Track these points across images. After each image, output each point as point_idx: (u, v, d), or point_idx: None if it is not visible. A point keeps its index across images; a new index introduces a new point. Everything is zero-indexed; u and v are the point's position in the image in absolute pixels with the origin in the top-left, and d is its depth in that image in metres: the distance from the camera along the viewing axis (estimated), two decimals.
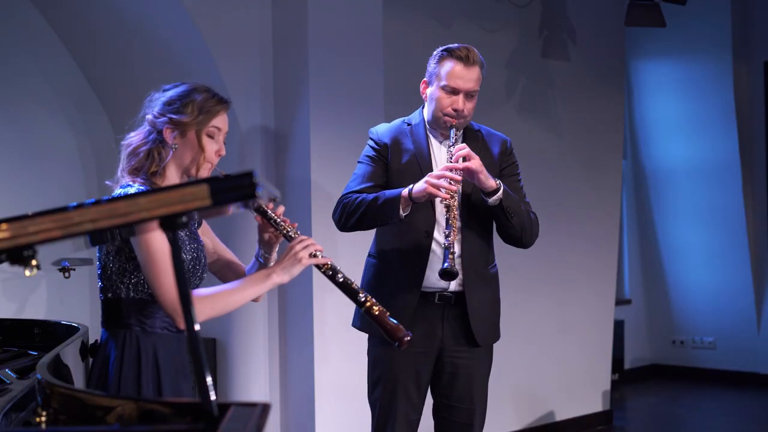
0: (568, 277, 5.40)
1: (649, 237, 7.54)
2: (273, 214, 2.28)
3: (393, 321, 2.40)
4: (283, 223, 2.29)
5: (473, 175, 2.71)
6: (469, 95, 2.81)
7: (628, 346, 7.25)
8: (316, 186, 3.94)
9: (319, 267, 2.29)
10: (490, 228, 2.94)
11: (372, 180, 2.87)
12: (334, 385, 4.00)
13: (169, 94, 2.21)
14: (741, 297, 7.02)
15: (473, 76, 2.81)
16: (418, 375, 2.88)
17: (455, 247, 2.71)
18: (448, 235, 2.66)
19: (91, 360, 2.36)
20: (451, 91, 2.80)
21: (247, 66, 4.05)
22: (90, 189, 4.56)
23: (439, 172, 2.69)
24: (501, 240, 2.98)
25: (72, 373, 2.13)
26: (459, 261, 2.82)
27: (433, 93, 2.86)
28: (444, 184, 2.64)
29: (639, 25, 5.47)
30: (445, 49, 2.86)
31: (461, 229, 2.81)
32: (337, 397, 4.01)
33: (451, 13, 4.82)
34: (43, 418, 1.58)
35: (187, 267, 2.18)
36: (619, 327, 6.91)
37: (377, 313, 2.36)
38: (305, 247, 2.21)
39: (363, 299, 2.35)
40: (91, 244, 1.35)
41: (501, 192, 2.76)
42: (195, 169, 2.20)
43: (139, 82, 4.15)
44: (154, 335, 2.14)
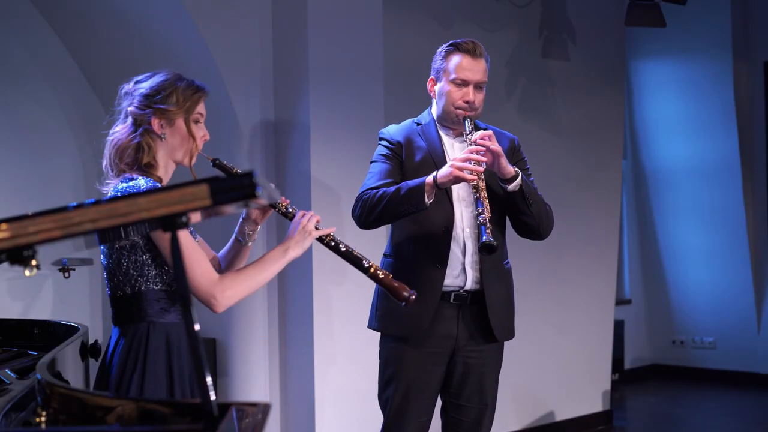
0: (568, 277, 5.40)
1: (649, 237, 7.54)
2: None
3: (397, 282, 2.48)
4: (279, 202, 2.36)
5: (496, 158, 2.71)
6: (478, 87, 2.83)
7: (628, 346, 7.25)
8: (316, 182, 3.94)
9: (321, 239, 2.36)
10: (503, 223, 2.94)
11: (390, 177, 2.85)
12: (334, 385, 4.00)
13: (148, 84, 2.23)
14: (741, 297, 7.01)
15: (481, 67, 2.83)
16: (430, 375, 2.86)
17: (489, 224, 2.68)
18: (482, 212, 2.65)
19: (90, 360, 2.35)
20: (461, 83, 2.82)
21: (247, 64, 4.05)
22: (90, 189, 4.56)
23: (463, 155, 2.69)
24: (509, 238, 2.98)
25: (72, 373, 2.13)
26: (476, 257, 2.82)
27: (442, 88, 2.87)
28: (469, 167, 2.64)
29: (639, 25, 5.47)
30: (451, 44, 2.87)
31: (474, 224, 2.81)
32: (337, 397, 4.01)
33: (451, 13, 4.82)
34: (43, 418, 1.58)
35: None
36: (619, 327, 6.91)
37: (382, 276, 2.45)
38: (309, 219, 2.30)
39: (367, 265, 2.43)
40: (99, 243, 1.35)
41: (520, 178, 2.77)
42: (188, 158, 2.25)
43: None
44: (169, 324, 2.16)
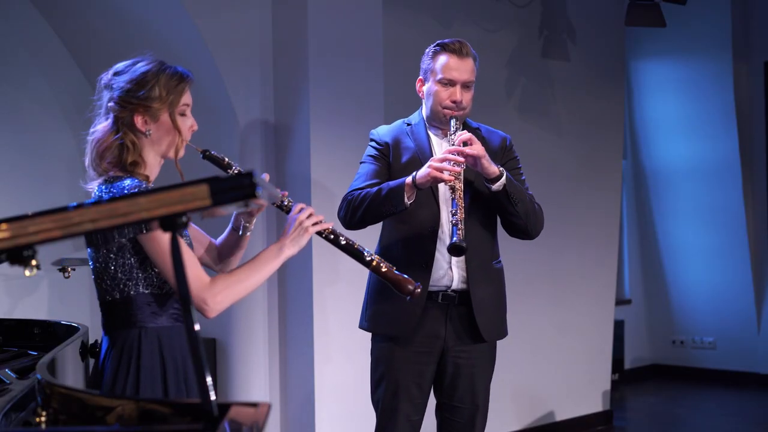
0: (568, 277, 5.40)
1: (649, 237, 7.54)
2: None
3: (401, 275, 2.40)
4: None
5: (476, 159, 2.72)
6: (465, 86, 2.84)
7: (628, 346, 7.25)
8: (316, 182, 3.94)
9: (321, 233, 2.28)
10: (493, 222, 2.93)
11: (376, 178, 2.88)
12: (334, 385, 4.00)
13: (127, 77, 2.11)
14: (741, 297, 7.01)
15: (468, 67, 2.84)
16: (420, 375, 2.87)
17: (462, 225, 2.68)
18: (455, 213, 2.66)
19: (91, 360, 2.35)
20: (448, 82, 2.83)
21: (246, 64, 4.05)
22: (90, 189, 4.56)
23: (441, 155, 2.71)
24: (502, 240, 2.98)
25: (72, 373, 2.13)
26: (462, 257, 2.82)
27: (430, 88, 2.88)
28: (447, 167, 2.65)
29: (639, 25, 5.47)
30: (437, 44, 2.89)
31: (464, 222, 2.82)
32: (337, 397, 4.01)
33: (451, 13, 4.82)
34: (43, 418, 1.58)
35: None
36: (619, 327, 6.91)
37: (385, 269, 2.38)
38: (308, 216, 2.19)
39: (369, 258, 2.35)
40: (86, 246, 1.34)
41: (504, 178, 2.76)
42: (173, 152, 2.14)
43: None
44: (160, 329, 2.10)
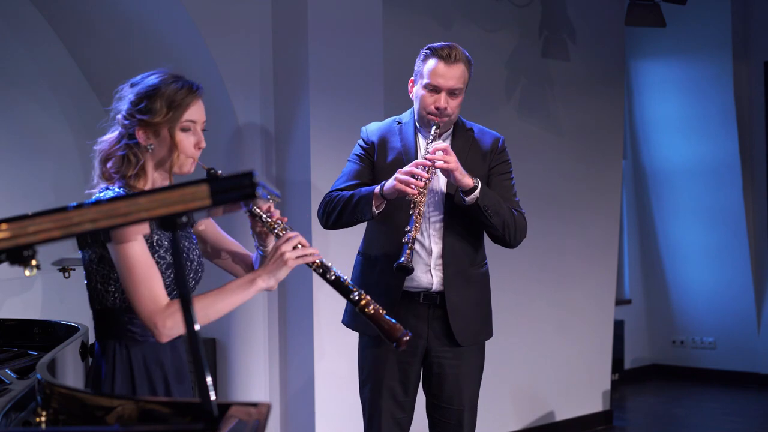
0: (568, 277, 5.40)
1: (649, 237, 7.53)
2: (259, 210, 2.15)
3: (390, 320, 2.22)
4: (269, 219, 2.16)
5: (448, 173, 2.71)
6: (451, 93, 2.81)
7: (628, 346, 7.25)
8: (315, 184, 3.94)
9: (309, 265, 2.13)
10: (477, 226, 2.90)
11: (357, 178, 2.89)
12: (334, 385, 4.00)
13: (136, 89, 2.08)
14: (741, 297, 7.01)
15: (455, 74, 2.79)
16: (404, 374, 2.88)
17: (413, 244, 2.66)
18: (409, 231, 2.65)
19: (91, 360, 2.35)
20: (433, 89, 2.80)
21: (246, 63, 4.05)
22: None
23: (407, 168, 2.69)
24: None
25: (72, 373, 2.13)
26: (440, 261, 2.83)
27: (417, 91, 2.87)
28: (412, 180, 2.64)
29: (639, 25, 5.47)
30: (428, 48, 2.86)
31: (443, 228, 2.83)
32: (337, 397, 4.01)
33: (451, 13, 4.82)
34: (43, 418, 1.58)
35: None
36: (619, 327, 6.91)
37: (372, 312, 2.18)
38: (293, 247, 2.06)
39: (357, 297, 2.17)
40: (78, 248, 1.34)
41: (478, 191, 2.74)
42: (179, 168, 2.08)
43: None
44: (146, 344, 2.05)
